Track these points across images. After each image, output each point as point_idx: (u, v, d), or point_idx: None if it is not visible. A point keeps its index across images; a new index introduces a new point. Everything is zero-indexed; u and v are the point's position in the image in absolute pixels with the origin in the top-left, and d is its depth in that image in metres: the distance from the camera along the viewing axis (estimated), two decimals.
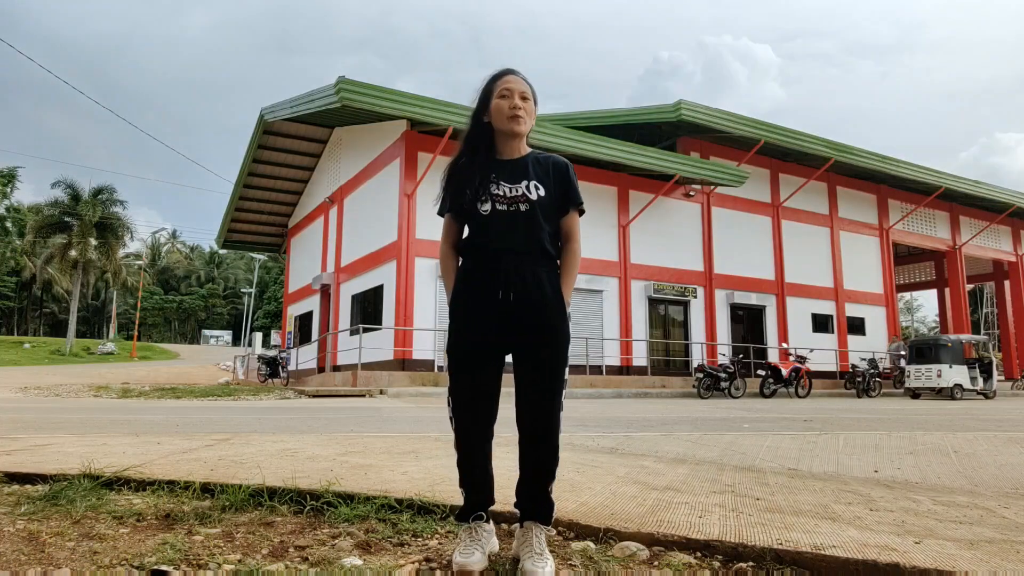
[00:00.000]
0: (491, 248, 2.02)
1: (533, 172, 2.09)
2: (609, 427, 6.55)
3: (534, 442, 2.03)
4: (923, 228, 27.11)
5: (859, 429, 6.58)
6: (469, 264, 2.08)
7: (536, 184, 2.06)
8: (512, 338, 2.01)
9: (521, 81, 2.10)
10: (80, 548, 2.06)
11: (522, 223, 2.02)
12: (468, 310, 2.03)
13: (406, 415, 8.15)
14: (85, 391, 13.78)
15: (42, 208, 43.74)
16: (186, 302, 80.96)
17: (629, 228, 20.15)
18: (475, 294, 2.02)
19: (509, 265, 2.00)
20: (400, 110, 15.73)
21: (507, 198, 2.03)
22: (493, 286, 1.99)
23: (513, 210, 2.02)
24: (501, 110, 2.07)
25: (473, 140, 2.13)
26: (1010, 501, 2.88)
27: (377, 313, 17.98)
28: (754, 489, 2.99)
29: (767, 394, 16.34)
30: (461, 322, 2.04)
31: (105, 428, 5.82)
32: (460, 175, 2.11)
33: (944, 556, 1.95)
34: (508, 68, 2.14)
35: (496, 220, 2.02)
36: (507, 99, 2.07)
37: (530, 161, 2.12)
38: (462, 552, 1.96)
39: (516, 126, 2.07)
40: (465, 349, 2.02)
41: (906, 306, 70.29)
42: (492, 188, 2.04)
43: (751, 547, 2.03)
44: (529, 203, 2.03)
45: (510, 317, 1.99)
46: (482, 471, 2.08)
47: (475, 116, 2.13)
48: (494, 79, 2.11)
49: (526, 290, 1.99)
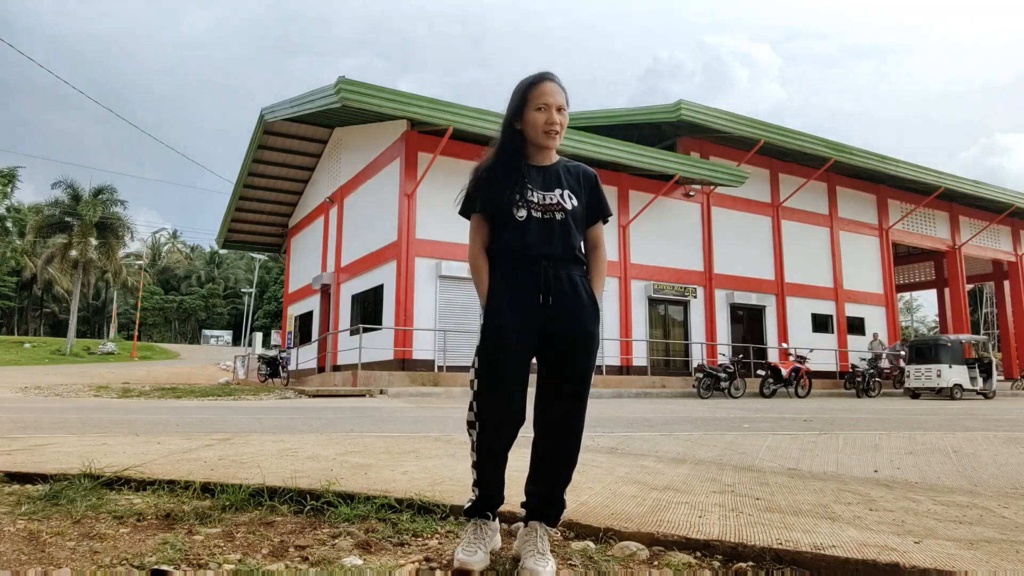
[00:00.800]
0: (529, 253, 2.01)
1: (565, 181, 2.11)
2: (609, 427, 6.56)
3: (558, 446, 2.02)
4: (923, 228, 27.11)
5: (859, 429, 6.58)
6: (507, 268, 2.04)
7: (570, 194, 2.09)
8: (547, 342, 2.00)
9: (558, 91, 2.06)
10: (80, 548, 2.06)
11: (558, 231, 2.04)
12: (510, 314, 1.99)
13: (406, 415, 8.15)
14: (85, 391, 13.79)
15: (42, 208, 43.74)
16: (186, 302, 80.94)
17: (629, 228, 20.15)
18: (516, 298, 2.00)
19: (547, 271, 2.00)
20: (400, 110, 15.73)
21: (542, 205, 2.04)
22: (534, 291, 1.99)
23: (548, 218, 2.04)
24: (537, 124, 2.05)
25: (506, 145, 2.10)
26: (1010, 501, 2.88)
27: (377, 313, 17.98)
28: (754, 489, 2.99)
29: (767, 394, 16.34)
30: (502, 324, 1.98)
31: (105, 428, 5.82)
32: (494, 178, 2.08)
33: (944, 556, 1.95)
34: (544, 74, 2.07)
35: (533, 226, 2.03)
36: (544, 112, 2.04)
37: (561, 169, 2.14)
38: (465, 550, 1.94)
39: (551, 142, 2.07)
40: (503, 354, 1.97)
41: (906, 306, 70.29)
42: (527, 195, 2.04)
43: (751, 547, 2.03)
44: (564, 212, 2.06)
45: (549, 321, 1.99)
46: (500, 475, 2.07)
47: (508, 121, 2.09)
48: (530, 86, 2.05)
49: (564, 295, 2.00)
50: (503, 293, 2.02)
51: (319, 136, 22.10)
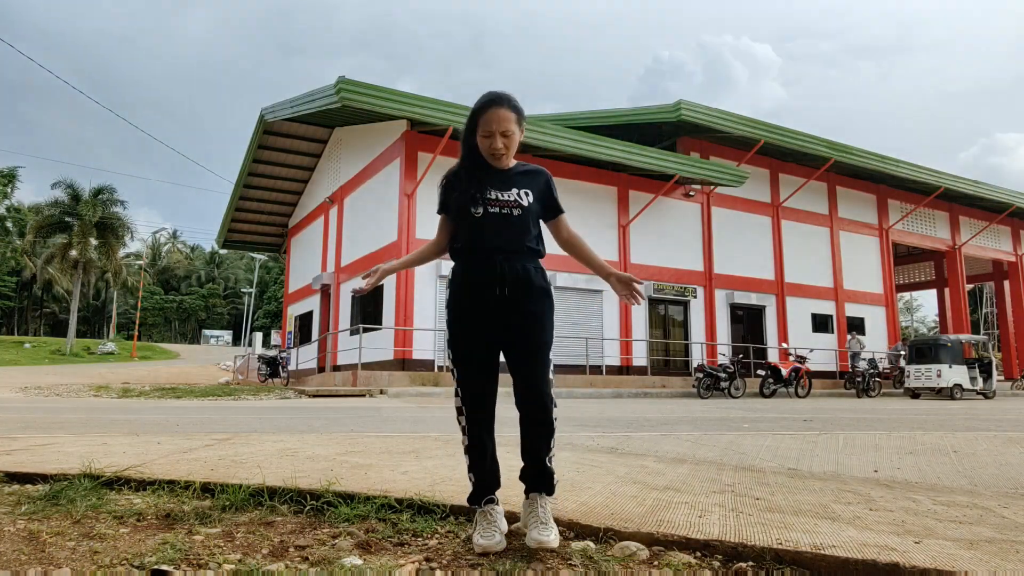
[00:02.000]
0: (485, 247, 2.20)
1: (522, 181, 2.29)
2: (609, 427, 6.56)
3: (532, 414, 2.20)
4: (923, 228, 27.11)
5: (859, 429, 6.58)
6: (465, 263, 2.24)
7: (526, 191, 2.27)
8: (505, 325, 2.20)
9: (502, 118, 2.19)
10: (80, 548, 2.06)
11: (515, 225, 2.23)
12: (468, 305, 2.20)
13: (406, 415, 8.15)
14: (85, 391, 13.79)
15: (42, 208, 43.72)
16: (186, 302, 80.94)
17: (629, 228, 20.15)
18: (473, 291, 2.20)
19: (502, 262, 2.19)
20: (400, 110, 15.73)
21: (499, 202, 2.23)
22: (490, 283, 2.18)
23: (506, 213, 2.22)
24: (484, 148, 2.23)
25: (466, 158, 2.30)
26: (1010, 501, 2.88)
27: (377, 313, 17.97)
28: (754, 489, 2.99)
29: (767, 394, 16.33)
30: (462, 317, 2.21)
31: (105, 428, 5.82)
32: (455, 182, 2.30)
33: (944, 556, 1.95)
34: (491, 98, 2.21)
35: (489, 222, 2.21)
36: (489, 140, 2.21)
37: (517, 171, 2.32)
38: (483, 535, 2.07)
39: (496, 163, 2.26)
40: (468, 340, 2.20)
41: (906, 306, 70.29)
42: (485, 193, 2.23)
43: (751, 547, 2.03)
44: (521, 208, 2.24)
45: (504, 307, 2.18)
46: (492, 456, 2.25)
47: (465, 140, 2.29)
48: (476, 112, 2.22)
49: (516, 283, 2.20)
50: (461, 287, 2.22)
51: (319, 136, 22.10)
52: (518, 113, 2.24)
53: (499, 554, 2.07)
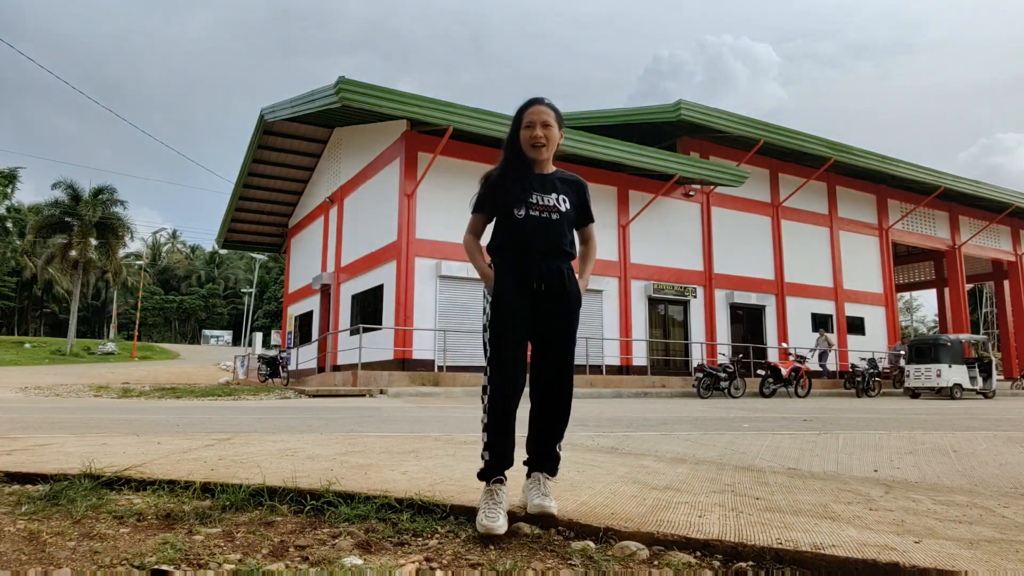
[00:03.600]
0: (527, 247, 2.39)
1: (561, 187, 2.49)
2: (609, 427, 6.56)
3: (553, 401, 2.41)
4: (922, 228, 27.12)
5: (858, 429, 6.58)
6: (509, 260, 2.42)
7: (564, 197, 2.47)
8: (539, 319, 2.39)
9: (544, 111, 2.43)
10: (81, 548, 2.06)
11: (553, 228, 2.42)
12: (511, 295, 2.38)
13: (406, 415, 8.15)
14: (85, 391, 13.79)
15: (42, 208, 43.76)
16: (186, 302, 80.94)
17: (629, 228, 20.16)
18: (515, 284, 2.39)
19: (540, 261, 2.39)
20: (400, 110, 15.73)
21: (540, 206, 2.42)
22: (529, 278, 2.38)
23: (545, 217, 2.41)
24: (525, 139, 2.43)
25: (509, 159, 2.48)
26: (1010, 500, 2.88)
27: (377, 313, 17.97)
28: (754, 489, 2.99)
29: (767, 394, 16.34)
30: (505, 304, 2.37)
31: (105, 428, 5.82)
32: (501, 183, 2.45)
33: (944, 555, 1.95)
34: (535, 98, 2.46)
35: (531, 224, 2.40)
36: (530, 129, 2.42)
37: (557, 178, 2.52)
38: (487, 515, 2.16)
39: (536, 154, 2.45)
40: (507, 326, 2.36)
41: (905, 306, 70.31)
42: (528, 196, 2.41)
43: (751, 546, 2.03)
44: (560, 214, 2.44)
45: (540, 302, 2.39)
46: (510, 437, 2.36)
47: (510, 139, 2.47)
48: (521, 110, 2.45)
49: (552, 281, 2.39)
50: (506, 279, 2.39)
51: (319, 136, 22.10)
52: (557, 112, 2.47)
53: (500, 551, 2.07)
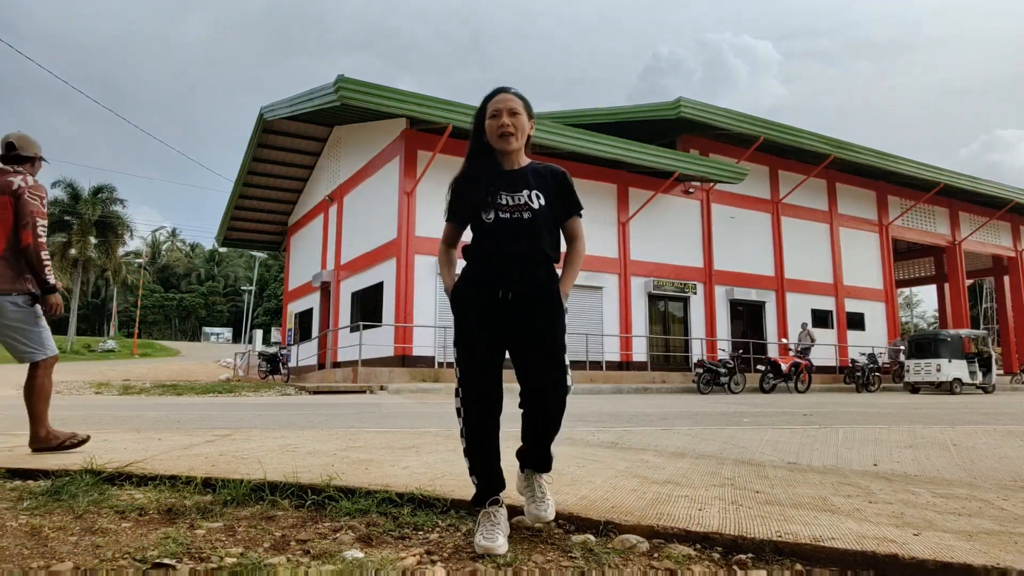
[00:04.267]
0: (497, 253, 2.15)
1: (533, 182, 2.22)
2: (609, 422, 6.57)
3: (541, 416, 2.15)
4: (923, 224, 27.10)
5: (858, 423, 6.59)
6: (475, 267, 2.18)
7: (537, 193, 2.19)
8: (511, 331, 2.14)
9: (510, 98, 2.19)
10: (83, 542, 2.07)
11: (525, 230, 2.15)
12: (470, 307, 2.15)
13: (406, 411, 8.16)
14: (86, 388, 13.79)
15: None
16: (186, 300, 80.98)
17: (629, 225, 20.15)
18: (476, 293, 2.15)
19: (512, 269, 2.13)
20: (399, 108, 15.72)
21: (509, 207, 2.16)
22: (494, 286, 2.13)
23: (516, 218, 2.16)
24: (492, 130, 2.19)
25: (474, 156, 2.26)
26: (1009, 493, 2.89)
27: (377, 310, 17.98)
28: (754, 482, 3.00)
29: (767, 389, 16.36)
30: (469, 313, 2.15)
31: (106, 424, 5.83)
32: (464, 187, 2.24)
33: (943, 547, 1.96)
34: (500, 87, 2.23)
35: (500, 227, 2.15)
36: (496, 119, 2.17)
37: (529, 171, 2.24)
38: (486, 536, 2.01)
39: (505, 144, 2.19)
40: (471, 342, 2.13)
41: (906, 301, 70.32)
42: (496, 198, 2.17)
43: (751, 539, 2.04)
44: (531, 211, 2.17)
45: (509, 312, 2.13)
46: (494, 457, 2.17)
47: (474, 135, 2.25)
48: (485, 100, 2.22)
49: (522, 288, 2.13)
50: (467, 289, 2.17)
51: (319, 134, 22.08)
52: (525, 101, 2.22)
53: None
